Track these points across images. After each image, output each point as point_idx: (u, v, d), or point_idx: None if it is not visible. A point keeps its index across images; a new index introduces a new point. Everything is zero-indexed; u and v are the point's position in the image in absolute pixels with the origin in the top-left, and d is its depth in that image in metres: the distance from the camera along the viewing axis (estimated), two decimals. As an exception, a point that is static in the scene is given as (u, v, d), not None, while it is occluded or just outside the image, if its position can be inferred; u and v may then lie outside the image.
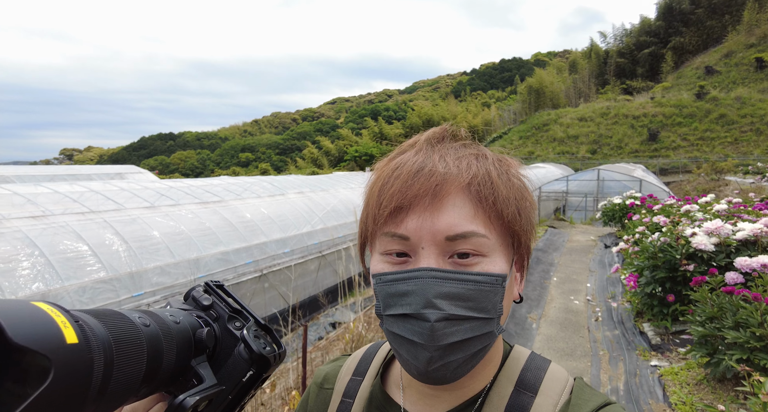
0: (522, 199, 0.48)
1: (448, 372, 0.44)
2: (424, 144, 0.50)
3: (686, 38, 52.44)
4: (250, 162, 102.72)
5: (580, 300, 4.58)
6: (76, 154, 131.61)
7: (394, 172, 0.47)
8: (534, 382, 0.50)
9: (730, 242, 3.12)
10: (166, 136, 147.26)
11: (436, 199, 0.44)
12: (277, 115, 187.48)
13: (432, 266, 0.43)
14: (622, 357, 3.15)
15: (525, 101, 54.92)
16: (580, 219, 12.22)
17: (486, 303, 0.44)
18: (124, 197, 6.24)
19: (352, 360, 0.63)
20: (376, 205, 0.47)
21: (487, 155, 0.49)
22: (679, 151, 37.01)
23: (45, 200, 5.32)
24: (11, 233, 4.36)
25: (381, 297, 0.46)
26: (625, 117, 41.99)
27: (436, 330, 0.42)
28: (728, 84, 42.63)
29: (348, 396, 0.59)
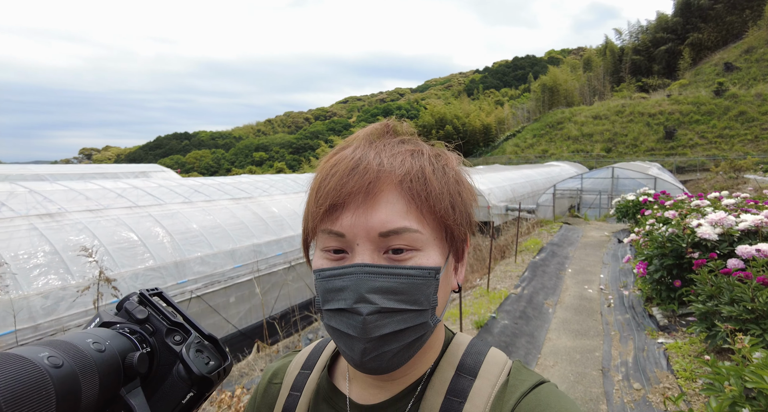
0: (456, 193, 0.49)
1: (383, 362, 0.45)
2: (362, 140, 0.50)
3: (705, 34, 51.46)
4: (264, 161, 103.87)
5: (594, 289, 4.87)
6: (95, 153, 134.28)
7: (332, 169, 0.47)
8: (474, 366, 0.51)
9: (733, 232, 3.40)
10: (181, 135, 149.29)
11: (369, 197, 0.45)
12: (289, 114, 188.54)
13: (366, 261, 0.44)
14: (631, 337, 3.46)
15: (539, 99, 54.57)
16: (594, 216, 12.41)
17: (418, 295, 0.45)
18: (162, 193, 6.70)
19: (302, 355, 0.64)
20: (314, 202, 0.48)
21: (423, 151, 0.50)
22: (697, 149, 36.50)
23: (95, 195, 5.80)
24: (73, 224, 4.82)
25: (320, 292, 0.47)
26: (641, 115, 41.53)
27: (368, 323, 0.43)
28: (748, 80, 41.80)
29: (296, 389, 0.60)
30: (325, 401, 0.56)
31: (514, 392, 0.48)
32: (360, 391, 0.55)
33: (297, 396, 0.58)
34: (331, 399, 0.56)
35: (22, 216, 4.59)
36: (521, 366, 0.52)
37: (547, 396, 0.47)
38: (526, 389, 0.48)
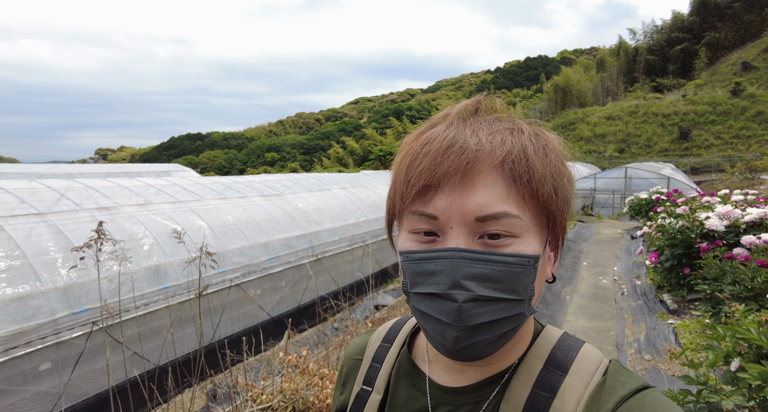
0: (559, 176, 0.46)
1: (475, 351, 0.44)
2: (455, 117, 0.48)
3: (722, 33, 50.83)
4: (275, 161, 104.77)
5: (608, 280, 5.18)
6: (110, 153, 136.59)
7: (423, 148, 0.45)
8: (565, 361, 0.49)
9: (739, 224, 3.70)
10: (195, 136, 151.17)
11: (467, 178, 0.43)
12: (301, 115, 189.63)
13: (461, 246, 0.42)
14: (643, 319, 3.78)
15: (551, 100, 54.41)
16: (608, 215, 12.62)
17: (516, 284, 0.43)
18: (198, 189, 7.16)
19: (382, 329, 0.65)
20: (404, 182, 0.46)
21: (523, 129, 0.47)
22: (712, 149, 36.16)
23: (141, 191, 6.27)
24: (128, 217, 5.29)
25: (408, 275, 0.46)
26: (655, 115, 41.23)
27: (464, 311, 0.41)
28: (767, 80, 41.31)
29: (376, 361, 0.60)
30: (406, 378, 0.56)
31: (613, 395, 0.44)
32: (441, 373, 0.53)
33: (378, 368, 0.59)
34: (411, 377, 0.55)
35: (85, 209, 5.06)
36: (620, 366, 0.49)
37: (653, 403, 0.43)
38: (626, 392, 0.44)
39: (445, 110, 0.50)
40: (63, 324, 3.96)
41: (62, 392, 3.89)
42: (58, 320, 3.93)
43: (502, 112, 0.50)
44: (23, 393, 3.64)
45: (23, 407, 3.64)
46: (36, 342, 3.73)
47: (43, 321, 3.82)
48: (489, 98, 0.50)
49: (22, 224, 4.37)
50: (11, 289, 3.76)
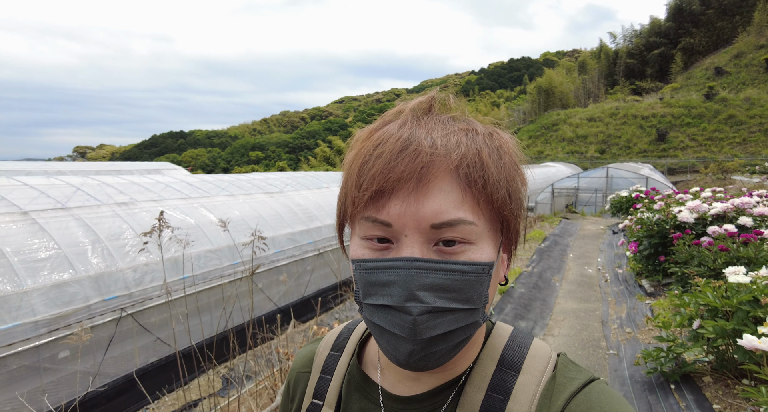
0: (512, 179, 0.45)
1: (429, 362, 0.43)
2: (409, 115, 0.46)
3: (696, 39, 52.73)
4: (260, 160, 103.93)
5: (593, 269, 5.70)
6: (89, 151, 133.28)
7: (376, 149, 0.43)
8: (517, 360, 0.49)
9: (706, 217, 4.23)
10: (177, 134, 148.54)
11: (422, 183, 0.41)
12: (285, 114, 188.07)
13: (416, 255, 0.41)
14: (624, 301, 4.28)
15: (534, 101, 55.46)
16: (591, 212, 13.29)
17: (471, 293, 0.42)
18: (206, 186, 7.45)
19: (330, 336, 0.62)
20: (355, 186, 0.43)
21: (477, 130, 0.45)
22: (688, 151, 37.53)
23: (155, 188, 6.54)
24: (147, 211, 5.58)
25: (361, 284, 0.44)
26: (634, 117, 42.54)
27: (419, 324, 0.40)
28: (738, 85, 43.00)
29: (326, 372, 0.58)
30: (357, 391, 0.54)
31: (563, 391, 0.45)
32: (394, 382, 0.52)
33: (328, 379, 0.57)
34: (363, 388, 0.54)
35: (105, 204, 5.33)
36: (568, 361, 0.50)
37: (599, 396, 0.44)
38: (575, 388, 0.45)
39: (398, 106, 0.48)
40: (96, 309, 4.26)
41: (96, 372, 4.19)
42: (92, 305, 4.23)
43: (456, 110, 0.48)
44: (63, 372, 3.93)
45: (64, 383, 3.93)
46: (74, 325, 4.02)
47: (79, 306, 4.11)
48: (443, 95, 0.49)
49: (53, 218, 4.63)
50: (50, 276, 4.04)
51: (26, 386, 3.67)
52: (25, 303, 3.75)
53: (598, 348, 3.29)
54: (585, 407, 0.43)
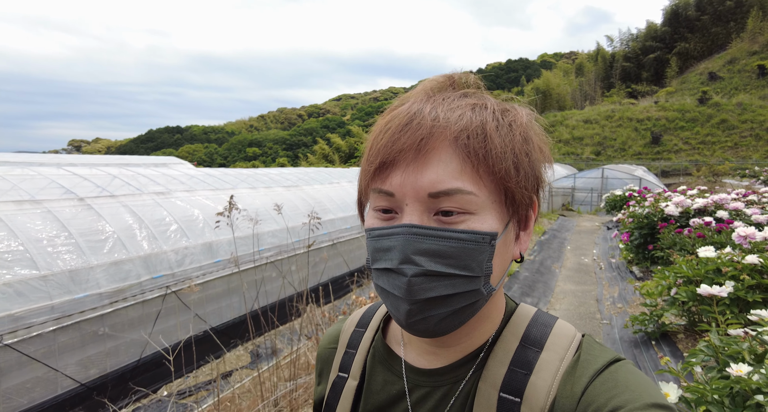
0: (522, 153, 0.45)
1: (429, 325, 0.44)
2: (421, 94, 0.48)
3: (691, 44, 53.59)
4: (257, 156, 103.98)
5: (588, 259, 6.27)
6: (84, 145, 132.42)
7: (386, 125, 0.46)
8: (540, 337, 0.49)
9: (689, 211, 4.79)
10: (174, 129, 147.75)
11: (420, 154, 0.43)
12: (282, 110, 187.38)
13: (414, 222, 0.43)
14: (617, 284, 4.84)
15: (531, 102, 55.05)
16: (586, 210, 13.90)
17: (469, 261, 0.43)
18: (228, 179, 7.94)
19: (356, 314, 0.65)
20: (366, 160, 0.46)
21: (487, 105, 0.46)
22: (681, 154, 38.27)
23: (184, 179, 7.03)
24: (180, 202, 6.07)
25: (370, 251, 0.47)
26: (630, 120, 43.26)
27: (413, 285, 0.42)
28: (730, 90, 43.86)
29: (351, 347, 0.60)
30: (381, 363, 0.56)
31: (587, 368, 0.45)
32: (416, 356, 0.54)
33: (353, 353, 0.59)
34: (386, 361, 0.56)
35: (146, 193, 5.82)
36: (592, 340, 0.50)
37: (625, 375, 0.44)
38: (600, 366, 0.45)
39: (417, 87, 0.50)
40: (146, 286, 4.75)
41: (147, 342, 4.69)
42: (143, 282, 4.73)
43: (473, 88, 0.49)
44: (121, 339, 4.43)
45: (123, 349, 4.43)
46: (129, 299, 4.52)
47: (133, 282, 4.61)
48: (463, 74, 0.50)
49: (104, 204, 5.11)
50: (109, 255, 4.53)
51: (94, 349, 4.17)
52: (92, 277, 4.25)
53: (593, 319, 3.85)
54: (611, 385, 0.43)
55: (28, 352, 3.62)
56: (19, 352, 3.56)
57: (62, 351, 3.92)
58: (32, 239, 4.07)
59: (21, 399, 3.61)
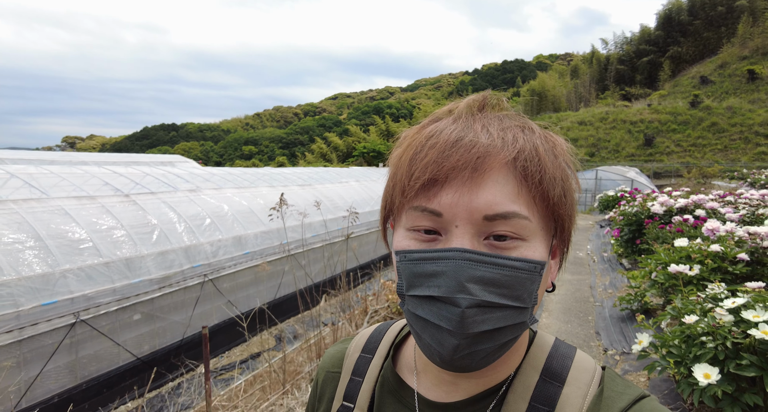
0: (567, 179, 0.45)
1: (473, 362, 0.42)
2: (464, 111, 0.46)
3: (684, 48, 54.56)
4: (253, 155, 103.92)
5: (583, 253, 6.88)
6: (78, 142, 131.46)
7: (429, 140, 0.43)
8: (561, 371, 0.48)
9: (672, 209, 5.41)
10: (169, 126, 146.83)
11: (477, 174, 0.41)
12: (279, 109, 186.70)
13: (466, 246, 0.40)
14: (608, 274, 5.44)
15: (528, 104, 56.74)
16: (581, 210, 14.57)
17: (521, 291, 0.41)
18: (248, 178, 8.47)
19: (361, 338, 0.61)
20: (406, 176, 0.43)
21: (533, 129, 0.46)
22: (673, 156, 39.13)
23: (212, 178, 7.55)
24: (210, 198, 6.60)
25: (405, 276, 0.43)
26: (623, 122, 44.09)
27: (467, 317, 0.39)
28: (721, 94, 44.83)
29: (357, 374, 0.57)
30: (391, 394, 0.53)
31: (612, 406, 0.44)
32: (431, 386, 0.51)
33: (359, 382, 0.56)
34: (397, 392, 0.53)
35: (180, 190, 6.35)
36: (615, 375, 0.48)
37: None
38: (625, 403, 0.44)
39: (449, 105, 0.48)
40: (187, 274, 5.29)
41: (188, 323, 5.23)
42: (185, 270, 5.26)
43: (509, 109, 0.49)
44: (167, 320, 4.97)
45: (168, 329, 4.97)
46: (174, 285, 5.05)
47: (176, 270, 5.14)
48: (495, 95, 0.49)
49: (147, 200, 5.64)
50: (156, 246, 5.07)
51: (146, 328, 4.71)
52: (143, 265, 4.78)
53: (587, 302, 4.45)
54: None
55: (98, 327, 4.15)
56: (91, 327, 4.09)
57: (122, 328, 4.46)
58: (95, 231, 4.60)
59: (92, 368, 4.14)
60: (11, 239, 3.85)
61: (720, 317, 1.99)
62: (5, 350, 3.47)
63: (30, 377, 3.67)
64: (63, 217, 4.50)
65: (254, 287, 6.40)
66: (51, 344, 3.78)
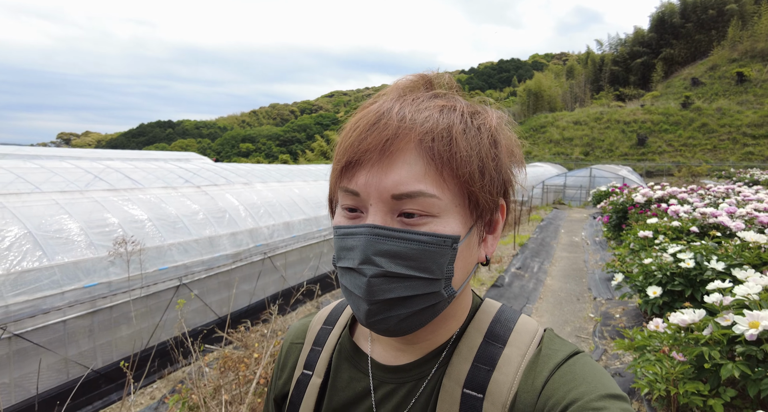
0: (488, 157, 0.45)
1: (390, 325, 0.44)
2: (393, 93, 0.48)
3: (676, 50, 55.88)
4: (250, 152, 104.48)
5: (578, 238, 8.05)
6: (74, 138, 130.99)
7: (356, 123, 0.46)
8: (503, 333, 0.50)
9: (651, 200, 6.57)
10: (165, 123, 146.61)
11: (385, 155, 0.43)
12: (275, 106, 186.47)
13: (377, 223, 0.43)
14: (599, 253, 6.60)
15: (524, 103, 57.80)
16: (576, 204, 15.78)
17: (430, 263, 0.43)
18: (287, 173, 9.54)
19: (324, 311, 0.65)
20: (335, 158, 0.46)
21: (456, 107, 0.46)
22: (664, 155, 40.36)
23: (245, 174, 8.62)
24: (265, 191, 7.69)
25: (336, 249, 0.47)
26: (617, 122, 45.32)
27: (372, 285, 0.42)
28: (711, 95, 46.17)
29: (317, 344, 0.60)
30: (347, 360, 0.57)
31: (548, 362, 0.47)
32: (382, 352, 0.55)
33: (318, 351, 0.59)
34: (353, 358, 0.57)
35: (237, 183, 7.42)
36: (554, 335, 0.52)
37: (583, 367, 0.46)
38: (560, 359, 0.47)
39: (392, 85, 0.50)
40: (252, 251, 6.38)
41: (253, 292, 6.33)
42: (251, 248, 6.35)
43: (446, 88, 0.49)
44: (239, 289, 6.06)
45: (239, 296, 6.06)
46: (243, 260, 6.14)
47: (245, 248, 6.23)
48: (434, 74, 0.50)
49: (216, 192, 6.72)
50: (228, 228, 6.15)
51: (225, 293, 5.79)
52: (221, 243, 5.86)
53: (582, 270, 5.59)
54: (569, 377, 0.45)
55: (195, 291, 5.24)
56: (189, 290, 5.18)
57: (210, 293, 5.54)
58: (184, 214, 5.68)
59: (191, 322, 5.23)
60: (139, 217, 4.96)
61: (665, 258, 3.14)
62: (139, 301, 4.55)
63: (153, 323, 4.75)
64: (160, 203, 5.57)
65: (300, 265, 7.47)
66: (165, 300, 4.85)
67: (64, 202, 4.61)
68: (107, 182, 5.59)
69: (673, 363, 2.05)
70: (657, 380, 2.09)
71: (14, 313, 3.53)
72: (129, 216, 4.98)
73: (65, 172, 5.66)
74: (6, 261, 3.63)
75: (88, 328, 4.13)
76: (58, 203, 4.56)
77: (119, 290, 4.40)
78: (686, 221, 4.31)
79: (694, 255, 2.98)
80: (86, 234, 4.41)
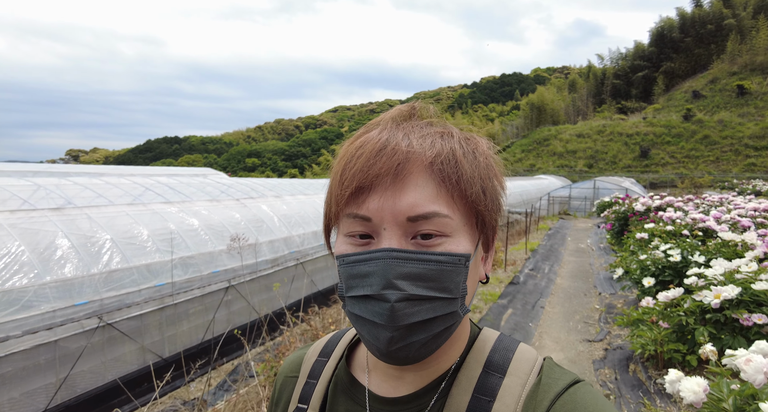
0: (487, 178, 0.48)
1: (410, 352, 0.44)
2: (389, 122, 0.50)
3: (676, 64, 56.75)
4: (256, 167, 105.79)
5: (584, 245, 8.64)
6: (82, 155, 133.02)
7: (357, 151, 0.46)
8: (502, 363, 0.50)
9: (650, 208, 7.18)
10: (172, 139, 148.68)
11: (398, 179, 0.44)
12: (279, 121, 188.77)
13: (394, 246, 0.43)
14: (603, 257, 7.18)
15: (527, 117, 58.48)
16: (581, 215, 16.35)
17: (448, 283, 0.44)
18: (309, 188, 10.24)
19: (319, 343, 0.64)
20: (338, 185, 0.46)
21: (453, 134, 0.49)
22: (667, 167, 40.70)
23: (282, 187, 9.32)
24: (295, 203, 8.37)
25: (344, 279, 0.46)
26: (620, 135, 45.83)
27: (397, 310, 0.42)
28: (712, 108, 46.70)
29: (312, 377, 0.59)
30: (344, 393, 0.56)
31: (548, 392, 0.47)
32: (380, 383, 0.54)
33: (314, 384, 0.58)
34: (349, 390, 0.56)
35: (269, 196, 8.12)
36: (553, 364, 0.52)
37: (584, 396, 0.46)
38: (560, 388, 0.47)
39: (380, 116, 0.51)
40: (287, 257, 7.01)
41: (288, 294, 6.94)
42: (285, 255, 6.99)
43: (434, 117, 0.52)
44: (274, 293, 6.68)
45: (276, 298, 6.67)
46: (280, 265, 6.77)
47: (281, 255, 6.87)
48: (423, 104, 0.53)
49: (252, 204, 7.40)
50: (267, 236, 6.80)
51: (265, 295, 6.41)
52: (261, 250, 6.51)
53: (588, 272, 6.18)
54: (570, 407, 0.45)
55: (241, 292, 5.87)
56: (236, 290, 5.81)
57: (253, 294, 6.17)
58: (229, 223, 6.35)
59: (237, 320, 5.85)
60: (193, 228, 5.63)
61: (657, 254, 3.76)
62: (198, 300, 5.19)
63: (208, 319, 5.38)
64: (205, 215, 6.24)
65: (327, 271, 8.09)
66: (216, 300, 5.48)
67: (132, 213, 5.30)
68: (162, 196, 6.28)
69: (659, 329, 2.66)
70: (648, 343, 2.69)
71: (107, 306, 4.19)
72: (185, 225, 5.65)
73: (117, 187, 6.36)
74: (100, 263, 4.30)
75: (158, 321, 4.77)
76: (129, 214, 5.25)
77: (181, 289, 5.06)
78: (679, 226, 4.93)
79: (681, 251, 3.59)
80: (153, 240, 5.08)
